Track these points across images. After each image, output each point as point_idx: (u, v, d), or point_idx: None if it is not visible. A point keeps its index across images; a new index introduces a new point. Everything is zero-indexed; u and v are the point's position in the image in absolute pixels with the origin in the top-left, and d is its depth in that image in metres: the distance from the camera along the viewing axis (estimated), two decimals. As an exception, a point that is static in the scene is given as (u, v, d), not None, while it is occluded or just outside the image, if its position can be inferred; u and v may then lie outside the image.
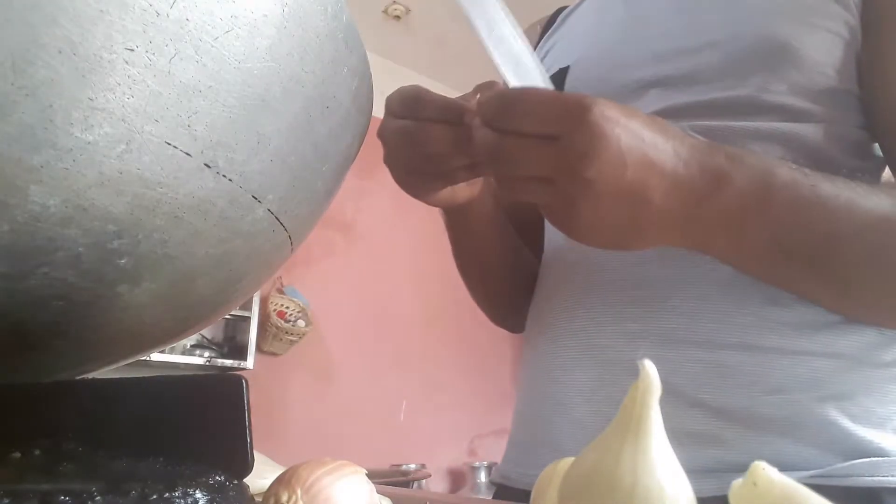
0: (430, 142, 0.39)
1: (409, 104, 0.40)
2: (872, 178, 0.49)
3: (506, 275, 0.63)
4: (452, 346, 2.92)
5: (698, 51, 0.49)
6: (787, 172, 0.37)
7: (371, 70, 0.33)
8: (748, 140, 0.46)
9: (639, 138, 0.33)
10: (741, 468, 0.19)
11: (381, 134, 0.42)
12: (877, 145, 0.49)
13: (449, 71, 3.23)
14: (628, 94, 0.52)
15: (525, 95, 0.33)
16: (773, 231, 0.37)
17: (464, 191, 0.48)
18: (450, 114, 0.38)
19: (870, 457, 0.41)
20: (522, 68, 0.35)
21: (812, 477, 0.39)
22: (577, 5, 0.66)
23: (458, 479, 2.89)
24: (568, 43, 0.63)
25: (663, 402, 0.20)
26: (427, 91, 0.40)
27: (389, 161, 0.42)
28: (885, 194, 0.39)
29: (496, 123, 0.34)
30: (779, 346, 0.43)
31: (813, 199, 0.37)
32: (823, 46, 0.46)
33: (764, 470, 0.18)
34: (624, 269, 0.48)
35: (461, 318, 2.71)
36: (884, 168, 0.49)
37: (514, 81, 0.35)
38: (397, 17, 2.86)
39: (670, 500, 0.18)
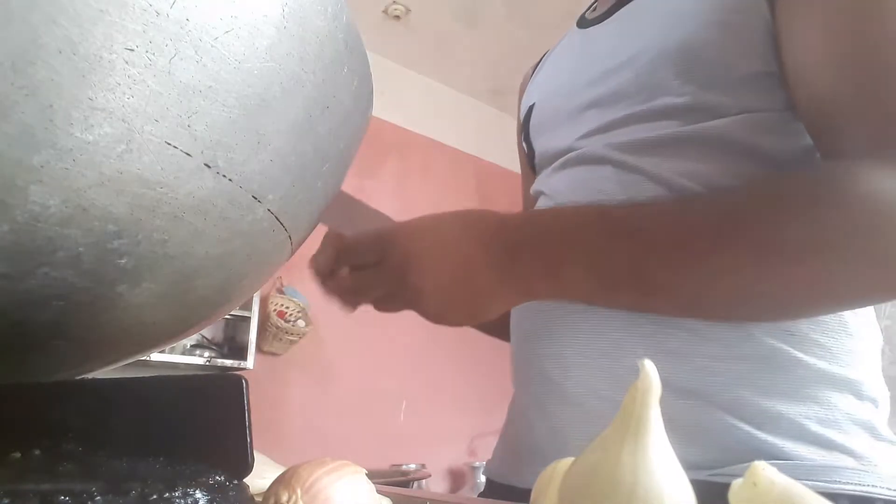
0: None
1: None
2: (802, 163, 0.47)
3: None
4: (452, 346, 2.91)
5: (620, 70, 0.53)
6: (580, 220, 0.42)
7: (371, 70, 0.33)
8: (676, 144, 0.48)
9: (438, 234, 0.42)
10: None
11: None
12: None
13: (449, 71, 3.23)
14: (572, 119, 0.57)
15: (349, 239, 0.44)
16: (588, 270, 0.40)
17: None
18: None
19: (772, 460, 0.40)
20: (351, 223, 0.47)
21: (710, 475, 0.40)
22: (557, 44, 0.70)
23: (458, 479, 2.89)
24: (538, 81, 0.68)
25: None
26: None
27: None
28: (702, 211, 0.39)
29: (341, 264, 0.44)
30: (680, 351, 0.44)
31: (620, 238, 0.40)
32: (736, 38, 0.46)
33: (764, 470, 0.18)
34: None
35: (461, 318, 2.70)
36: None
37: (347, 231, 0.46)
38: (397, 17, 2.86)
39: (670, 500, 0.18)
